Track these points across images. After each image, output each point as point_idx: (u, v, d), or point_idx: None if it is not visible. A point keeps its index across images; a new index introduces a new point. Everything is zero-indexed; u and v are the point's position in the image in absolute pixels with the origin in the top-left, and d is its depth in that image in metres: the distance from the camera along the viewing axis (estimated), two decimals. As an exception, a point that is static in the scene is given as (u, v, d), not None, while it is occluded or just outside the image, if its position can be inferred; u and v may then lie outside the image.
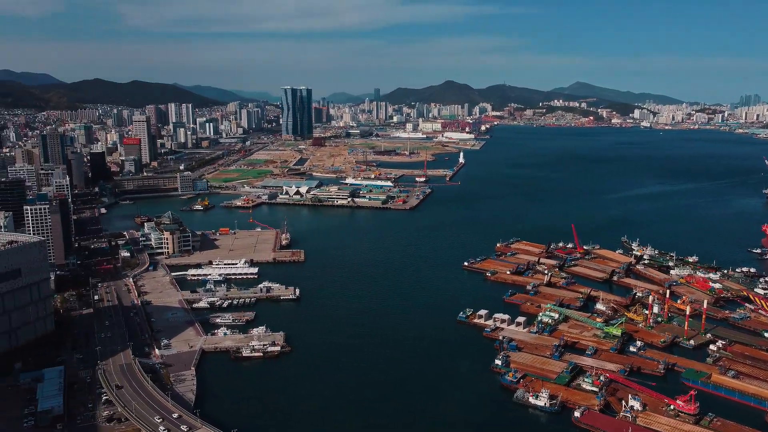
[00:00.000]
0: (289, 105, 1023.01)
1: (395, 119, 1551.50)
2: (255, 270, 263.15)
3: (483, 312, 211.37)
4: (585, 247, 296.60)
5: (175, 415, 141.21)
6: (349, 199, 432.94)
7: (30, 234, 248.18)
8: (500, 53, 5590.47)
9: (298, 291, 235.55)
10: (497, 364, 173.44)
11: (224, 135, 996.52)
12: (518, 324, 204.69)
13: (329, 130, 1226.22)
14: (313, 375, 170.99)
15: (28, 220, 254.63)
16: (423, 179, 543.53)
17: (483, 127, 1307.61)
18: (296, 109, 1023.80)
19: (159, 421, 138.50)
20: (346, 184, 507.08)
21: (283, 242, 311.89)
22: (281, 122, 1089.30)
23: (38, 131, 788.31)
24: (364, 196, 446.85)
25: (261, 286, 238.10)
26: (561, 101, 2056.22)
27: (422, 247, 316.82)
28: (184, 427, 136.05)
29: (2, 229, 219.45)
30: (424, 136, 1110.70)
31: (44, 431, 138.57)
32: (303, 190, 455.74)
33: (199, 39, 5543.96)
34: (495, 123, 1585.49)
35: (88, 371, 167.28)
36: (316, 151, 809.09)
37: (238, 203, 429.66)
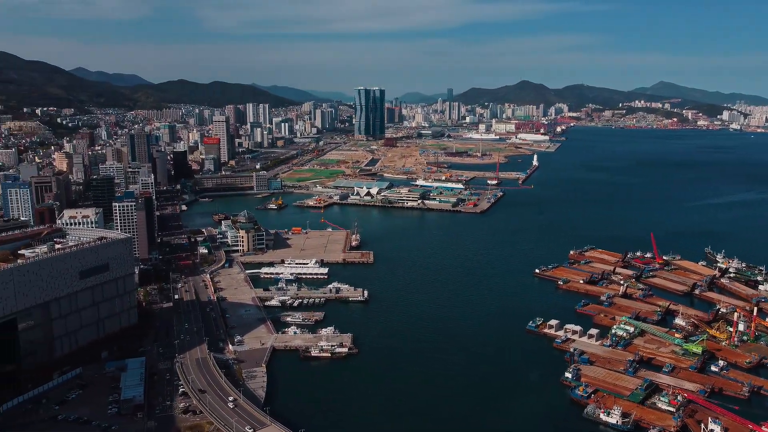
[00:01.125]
0: (362, 105, 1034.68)
1: (468, 120, 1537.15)
2: (325, 270, 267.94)
3: (554, 322, 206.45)
4: (664, 258, 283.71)
5: (246, 412, 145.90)
6: (419, 201, 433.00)
7: (117, 229, 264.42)
8: (579, 51, 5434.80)
9: (366, 293, 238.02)
10: (567, 377, 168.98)
11: (299, 135, 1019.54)
12: (590, 336, 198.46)
13: (401, 130, 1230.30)
14: (378, 378, 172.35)
15: (116, 216, 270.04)
16: (495, 182, 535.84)
17: (558, 129, 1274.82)
18: (369, 110, 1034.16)
19: (231, 416, 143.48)
20: (417, 185, 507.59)
21: (353, 243, 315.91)
22: (354, 122, 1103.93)
23: (127, 130, 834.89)
24: (435, 199, 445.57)
25: (330, 286, 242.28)
26: (642, 102, 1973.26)
27: (492, 252, 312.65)
28: (254, 424, 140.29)
29: (93, 225, 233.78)
30: (497, 137, 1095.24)
31: (126, 419, 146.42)
32: (374, 191, 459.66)
33: (276, 40, 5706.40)
34: (571, 124, 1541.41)
35: (167, 363, 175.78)
36: (387, 152, 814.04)
37: (311, 203, 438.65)
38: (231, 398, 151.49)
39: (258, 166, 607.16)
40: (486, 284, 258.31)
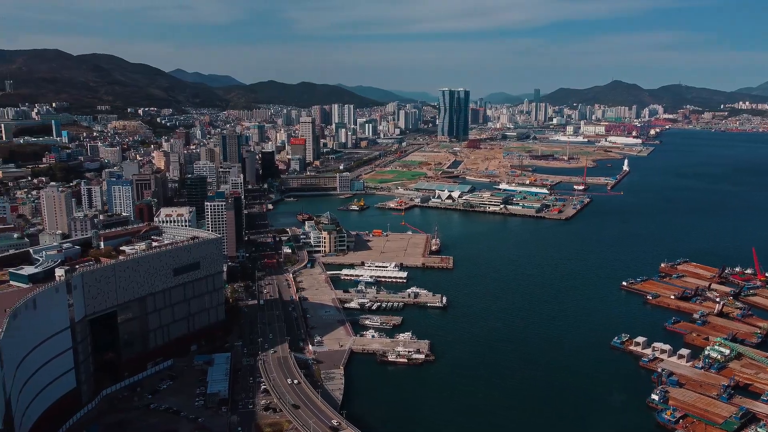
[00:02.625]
0: (446, 106, 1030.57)
1: (555, 121, 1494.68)
2: (404, 274, 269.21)
3: (641, 339, 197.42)
4: (767, 275, 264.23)
5: (323, 413, 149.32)
6: (502, 206, 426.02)
7: (208, 227, 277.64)
8: (677, 49, 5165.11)
9: (445, 299, 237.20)
10: (654, 399, 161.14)
11: (382, 135, 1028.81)
12: (681, 356, 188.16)
13: (485, 131, 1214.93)
14: (454, 388, 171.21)
15: (208, 214, 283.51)
16: (582, 187, 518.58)
17: (652, 132, 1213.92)
18: (453, 111, 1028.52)
19: (309, 417, 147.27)
20: (500, 189, 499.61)
21: (433, 247, 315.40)
22: (437, 123, 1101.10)
23: (219, 129, 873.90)
24: (518, 204, 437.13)
25: (409, 291, 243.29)
26: (747, 103, 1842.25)
27: (577, 261, 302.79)
28: (331, 426, 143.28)
29: (187, 224, 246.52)
30: (586, 140, 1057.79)
31: (211, 412, 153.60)
32: (455, 194, 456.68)
33: (363, 41, 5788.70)
34: (666, 127, 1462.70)
35: (251, 360, 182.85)
36: (470, 154, 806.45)
37: (392, 205, 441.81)
38: (309, 399, 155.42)
39: (341, 167, 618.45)
40: (569, 295, 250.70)
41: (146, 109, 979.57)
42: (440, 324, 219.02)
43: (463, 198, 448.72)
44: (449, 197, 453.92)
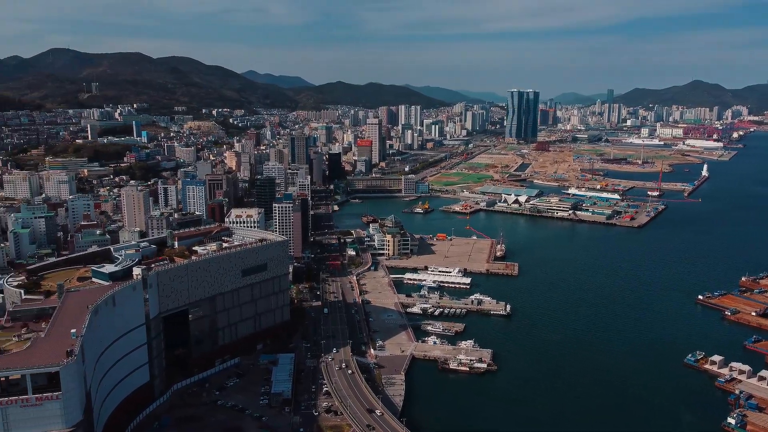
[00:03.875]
0: (514, 108, 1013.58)
1: (629, 123, 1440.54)
2: (468, 280, 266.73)
3: (717, 358, 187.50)
4: None
5: (383, 419, 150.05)
6: (571, 212, 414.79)
7: (275, 228, 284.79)
8: (764, 47, 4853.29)
9: (509, 307, 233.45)
10: (730, 423, 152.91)
11: (448, 137, 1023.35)
12: (762, 378, 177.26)
13: (554, 133, 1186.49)
14: (515, 400, 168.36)
15: (276, 216, 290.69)
16: (656, 193, 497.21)
17: (735, 135, 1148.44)
18: (521, 112, 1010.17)
19: (369, 422, 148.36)
20: (569, 194, 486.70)
21: (498, 253, 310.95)
22: (505, 125, 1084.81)
23: (288, 130, 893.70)
24: (587, 209, 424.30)
25: (472, 297, 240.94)
26: None
27: (649, 272, 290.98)
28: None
29: (255, 224, 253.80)
30: (662, 143, 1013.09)
31: (274, 411, 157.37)
32: (522, 198, 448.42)
33: (431, 41, 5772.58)
34: (751, 129, 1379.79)
35: (314, 361, 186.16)
36: (538, 156, 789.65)
37: (457, 208, 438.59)
38: (369, 404, 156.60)
39: (407, 169, 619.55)
40: (639, 308, 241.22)
41: (220, 109, 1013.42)
42: (503, 333, 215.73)
43: (530, 203, 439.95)
44: (516, 201, 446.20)
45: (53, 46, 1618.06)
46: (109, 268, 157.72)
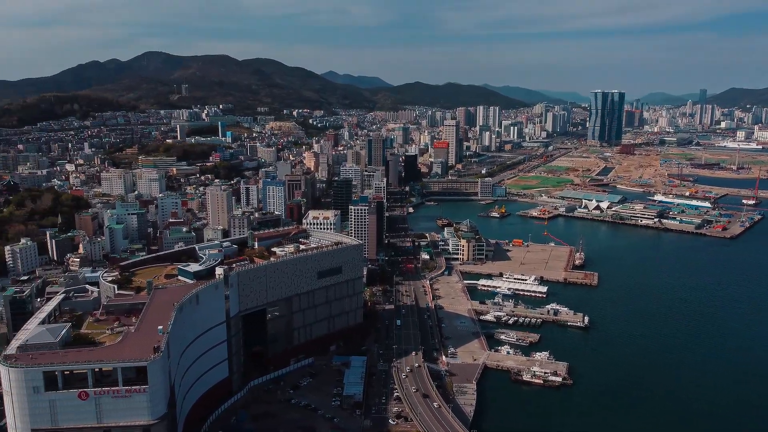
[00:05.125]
0: (597, 109, 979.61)
1: (723, 125, 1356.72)
2: (544, 289, 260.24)
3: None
4: None
5: (453, 428, 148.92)
6: (656, 220, 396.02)
7: (351, 230, 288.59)
8: None
9: (587, 319, 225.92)
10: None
11: (527, 138, 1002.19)
12: None
13: (640, 136, 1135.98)
14: (591, 416, 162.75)
15: (351, 218, 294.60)
16: (752, 202, 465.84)
17: None
18: (605, 114, 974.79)
19: (439, 430, 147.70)
20: (654, 201, 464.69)
21: (577, 261, 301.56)
22: (587, 126, 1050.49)
23: (366, 131, 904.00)
24: (675, 218, 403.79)
25: (549, 307, 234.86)
26: None
27: (742, 287, 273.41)
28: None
29: (332, 226, 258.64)
30: (760, 147, 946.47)
31: (346, 413, 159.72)
32: (604, 204, 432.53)
33: (511, 40, 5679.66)
34: None
35: (385, 365, 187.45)
36: (623, 160, 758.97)
37: (534, 213, 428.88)
38: (440, 412, 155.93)
39: (484, 171, 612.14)
40: (729, 325, 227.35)
41: (300, 110, 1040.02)
42: (580, 345, 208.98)
43: (613, 209, 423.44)
44: (597, 207, 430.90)
45: (148, 49, 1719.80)
46: (193, 267, 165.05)
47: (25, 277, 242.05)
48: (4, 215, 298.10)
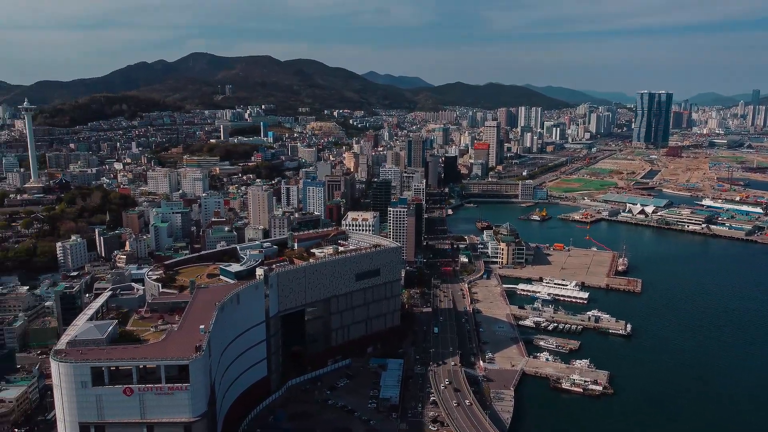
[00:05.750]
0: (643, 110, 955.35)
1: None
2: (585, 295, 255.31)
3: None
4: None
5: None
6: (704, 226, 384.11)
7: (389, 231, 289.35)
8: None
9: (629, 327, 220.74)
10: None
11: (570, 140, 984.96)
12: None
13: (688, 137, 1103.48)
14: (632, 428, 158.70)
15: (390, 219, 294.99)
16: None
17: None
18: (651, 115, 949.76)
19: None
20: (702, 206, 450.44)
21: (620, 267, 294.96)
22: (632, 128, 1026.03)
23: (406, 131, 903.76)
24: (724, 224, 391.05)
25: (590, 314, 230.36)
26: None
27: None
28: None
29: (371, 228, 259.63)
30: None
31: (382, 416, 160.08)
32: (649, 209, 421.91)
33: (555, 39, 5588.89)
34: None
35: (422, 368, 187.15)
36: (669, 163, 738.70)
37: (576, 217, 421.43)
38: (476, 418, 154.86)
39: (524, 173, 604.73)
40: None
41: (340, 110, 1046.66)
42: (622, 354, 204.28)
43: (658, 214, 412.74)
44: (641, 212, 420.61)
45: (194, 50, 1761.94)
46: (235, 267, 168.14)
47: (75, 273, 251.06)
48: (56, 212, 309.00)
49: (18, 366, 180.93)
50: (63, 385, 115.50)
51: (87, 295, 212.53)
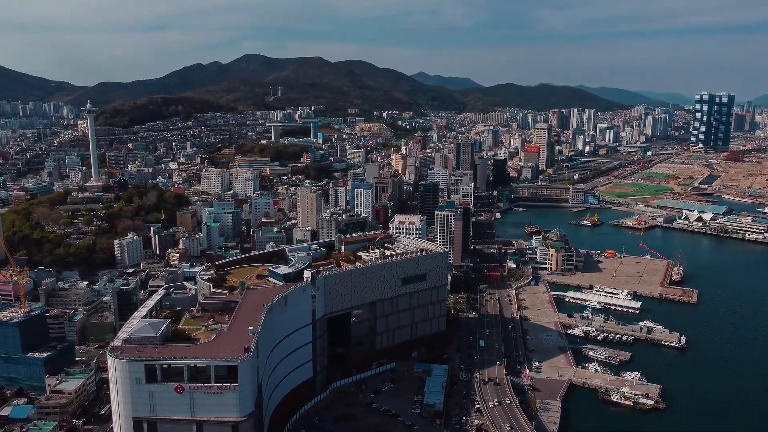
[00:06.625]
0: (703, 112, 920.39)
1: None
2: (637, 305, 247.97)
3: None
4: None
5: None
6: (766, 235, 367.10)
7: (436, 235, 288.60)
8: None
9: (684, 339, 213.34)
10: None
11: (624, 143, 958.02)
12: None
13: (751, 141, 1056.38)
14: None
15: (437, 223, 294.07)
16: None
17: None
18: (711, 117, 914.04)
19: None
20: (765, 214, 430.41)
21: (674, 277, 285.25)
22: (691, 130, 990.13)
23: (455, 133, 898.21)
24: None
25: (642, 324, 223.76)
26: None
27: None
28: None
29: (417, 232, 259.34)
30: None
31: (426, 422, 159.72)
32: (707, 216, 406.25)
33: (610, 39, 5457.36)
34: None
35: (467, 375, 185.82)
36: (729, 168, 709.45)
37: (629, 223, 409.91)
38: (522, 428, 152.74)
39: (576, 177, 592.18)
40: None
41: (389, 112, 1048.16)
42: (675, 367, 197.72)
43: (717, 221, 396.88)
44: (699, 219, 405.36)
45: (247, 52, 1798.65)
46: (283, 269, 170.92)
47: (131, 270, 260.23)
48: (114, 210, 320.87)
49: (77, 359, 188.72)
50: (118, 381, 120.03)
51: (142, 291, 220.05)
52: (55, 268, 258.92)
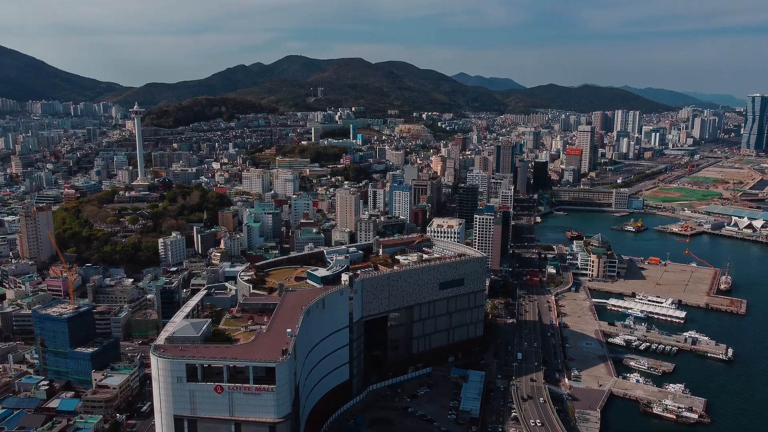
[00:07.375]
0: (755, 114, 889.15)
1: None
2: (682, 314, 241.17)
3: None
4: None
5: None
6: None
7: (475, 239, 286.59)
8: None
9: (731, 351, 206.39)
10: None
11: (670, 146, 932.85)
12: None
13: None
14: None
15: (476, 227, 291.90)
16: None
17: None
18: (764, 120, 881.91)
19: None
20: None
21: (722, 286, 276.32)
22: (742, 133, 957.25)
23: (495, 134, 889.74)
24: None
25: (686, 335, 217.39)
26: None
27: None
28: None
29: (456, 236, 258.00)
30: None
31: (461, 429, 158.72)
32: (757, 223, 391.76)
33: (656, 38, 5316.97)
34: None
35: (504, 382, 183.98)
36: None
37: (675, 229, 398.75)
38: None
39: (619, 181, 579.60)
40: None
41: (429, 113, 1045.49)
42: (721, 380, 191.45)
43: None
44: (749, 226, 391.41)
45: (289, 53, 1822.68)
46: (321, 272, 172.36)
47: (174, 268, 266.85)
48: (159, 209, 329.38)
49: (122, 354, 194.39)
50: (161, 379, 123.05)
51: (184, 290, 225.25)
52: (102, 265, 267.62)
